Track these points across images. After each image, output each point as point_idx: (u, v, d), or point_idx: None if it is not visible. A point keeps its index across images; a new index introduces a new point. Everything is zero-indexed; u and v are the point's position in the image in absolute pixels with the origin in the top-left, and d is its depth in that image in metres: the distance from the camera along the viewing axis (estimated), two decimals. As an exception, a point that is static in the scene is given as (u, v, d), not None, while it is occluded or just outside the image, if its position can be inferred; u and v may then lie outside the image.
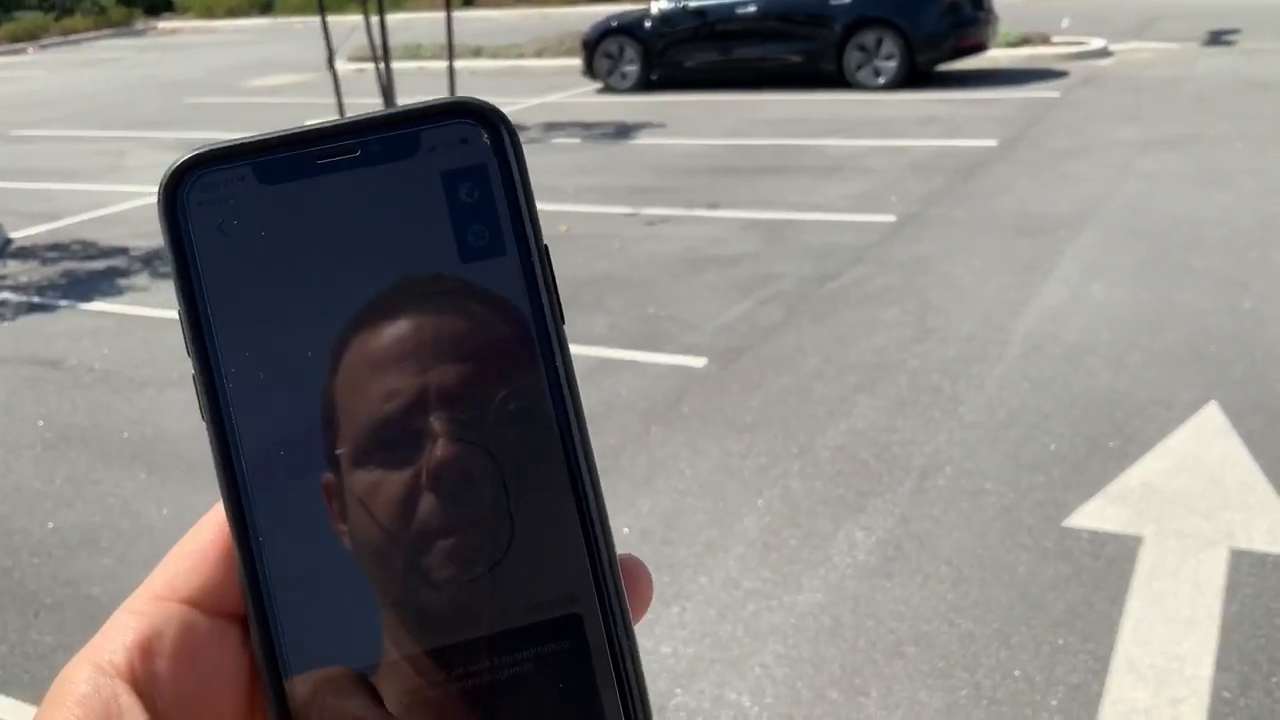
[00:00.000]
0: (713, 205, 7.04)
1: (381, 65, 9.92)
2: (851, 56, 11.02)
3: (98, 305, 5.77)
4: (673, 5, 11.96)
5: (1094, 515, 3.16)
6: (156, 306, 5.64)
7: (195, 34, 24.77)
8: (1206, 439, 3.56)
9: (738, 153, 8.67)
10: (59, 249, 6.95)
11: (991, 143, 8.34)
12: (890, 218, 6.45)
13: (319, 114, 10.80)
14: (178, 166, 0.38)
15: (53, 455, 4.03)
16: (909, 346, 4.52)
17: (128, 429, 4.23)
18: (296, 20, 23.47)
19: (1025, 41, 12.69)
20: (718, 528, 3.25)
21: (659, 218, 6.81)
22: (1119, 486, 3.30)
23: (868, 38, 10.95)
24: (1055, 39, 12.92)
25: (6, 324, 5.59)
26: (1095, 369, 4.16)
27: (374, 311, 0.37)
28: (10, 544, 3.41)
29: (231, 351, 0.37)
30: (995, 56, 12.03)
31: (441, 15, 10.55)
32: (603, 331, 4.90)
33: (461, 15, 19.48)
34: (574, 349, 0.39)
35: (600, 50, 12.07)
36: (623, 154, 8.97)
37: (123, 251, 6.76)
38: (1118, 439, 3.60)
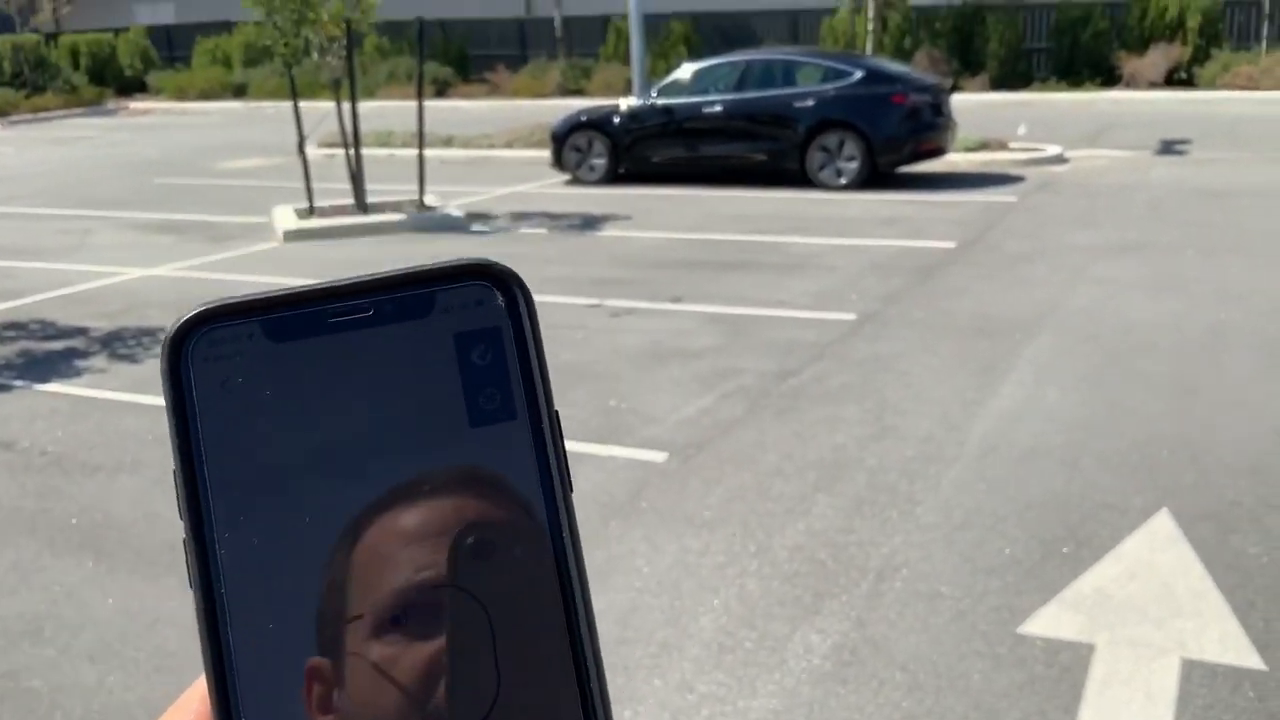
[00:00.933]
0: (676, 299, 7.12)
1: (351, 151, 10.05)
2: (814, 157, 11.31)
3: (54, 386, 5.70)
4: (641, 102, 12.25)
5: (1048, 622, 3.17)
6: (113, 389, 5.58)
7: (167, 115, 24.94)
8: (1158, 546, 3.60)
9: (702, 247, 8.81)
10: (17, 328, 6.88)
11: (950, 244, 8.54)
12: (851, 316, 6.56)
13: (287, 196, 10.86)
14: (185, 321, 0.36)
15: (-3, 541, 3.94)
16: (868, 445, 4.56)
17: (77, 515, 4.15)
18: (269, 104, 23.73)
19: (983, 146, 13.10)
20: (673, 628, 3.23)
21: (623, 309, 6.88)
22: (1072, 593, 3.32)
23: (830, 139, 11.26)
24: (1012, 145, 13.35)
25: (-42, 403, 5.50)
26: (1049, 472, 4.22)
27: (386, 495, 0.36)
28: (-54, 634, 3.31)
29: (227, 516, 0.36)
30: (954, 160, 12.39)
31: (414, 103, 10.73)
32: (565, 424, 4.88)
33: (433, 104, 19.80)
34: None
35: (569, 143, 12.30)
36: (589, 245, 9.09)
37: (82, 332, 6.71)
38: (1071, 544, 3.64)
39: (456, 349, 0.38)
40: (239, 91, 26.20)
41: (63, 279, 8.23)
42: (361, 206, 10.12)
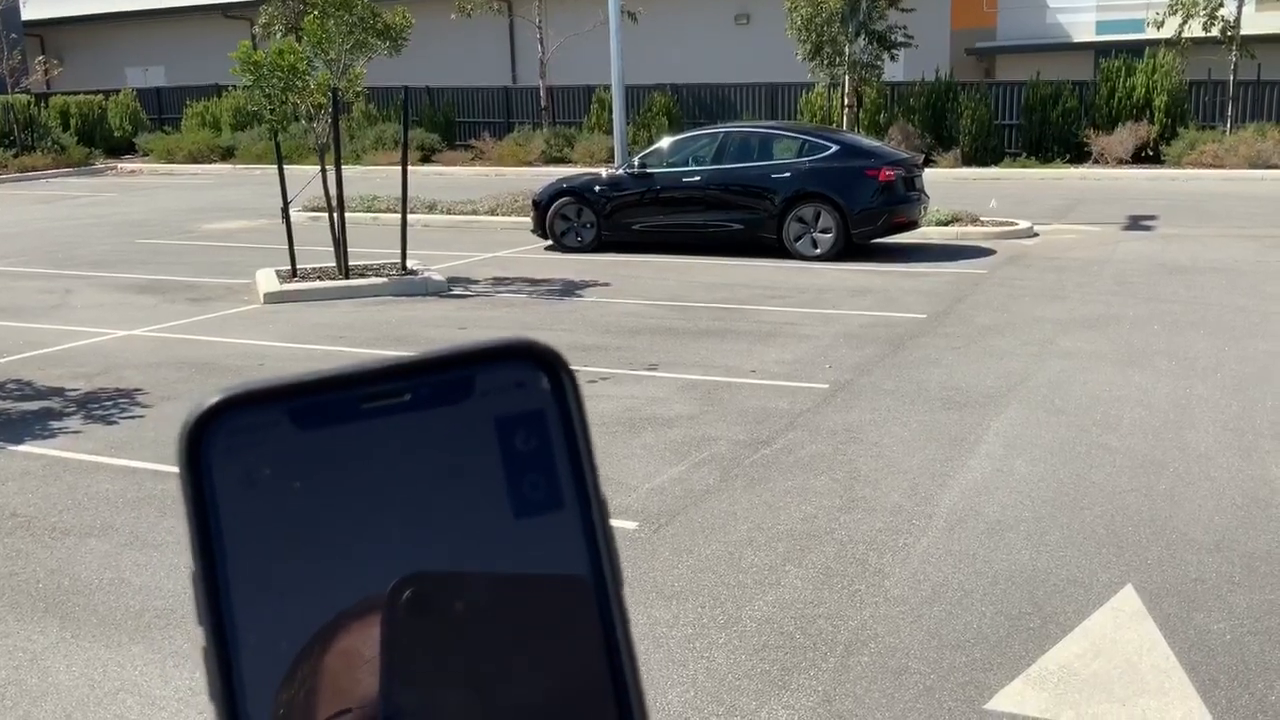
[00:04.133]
0: (652, 366, 7.19)
1: (335, 215, 10.16)
2: (791, 227, 11.50)
3: (27, 447, 5.68)
4: (622, 171, 12.45)
5: (1014, 699, 3.19)
6: (87, 451, 5.56)
7: (155, 176, 25.08)
8: (1123, 623, 3.64)
9: (679, 314, 8.91)
10: (-8, 387, 6.86)
11: (921, 315, 8.67)
12: (823, 385, 6.64)
13: (270, 259, 10.93)
14: (204, 409, 0.33)
15: (-38, 606, 3.91)
16: (837, 516, 4.60)
17: (44, 579, 4.12)
18: (256, 167, 23.91)
19: (955, 220, 13.34)
20: (641, 701, 3.23)
21: (600, 376, 6.93)
22: (1038, 669, 3.35)
23: (806, 210, 11.46)
24: (983, 219, 13.60)
25: (-72, 464, 5.47)
26: (1016, 546, 4.26)
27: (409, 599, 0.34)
28: (-94, 702, 3.27)
29: (250, 620, 0.33)
30: (927, 233, 12.62)
31: (399, 169, 10.87)
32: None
33: (418, 170, 20.03)
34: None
35: (551, 210, 12.46)
36: (567, 311, 9.17)
37: (58, 392, 6.69)
38: (1038, 619, 3.67)
39: (498, 434, 0.35)
40: (227, 154, 26.38)
41: (41, 339, 8.23)
42: (343, 270, 10.19)
